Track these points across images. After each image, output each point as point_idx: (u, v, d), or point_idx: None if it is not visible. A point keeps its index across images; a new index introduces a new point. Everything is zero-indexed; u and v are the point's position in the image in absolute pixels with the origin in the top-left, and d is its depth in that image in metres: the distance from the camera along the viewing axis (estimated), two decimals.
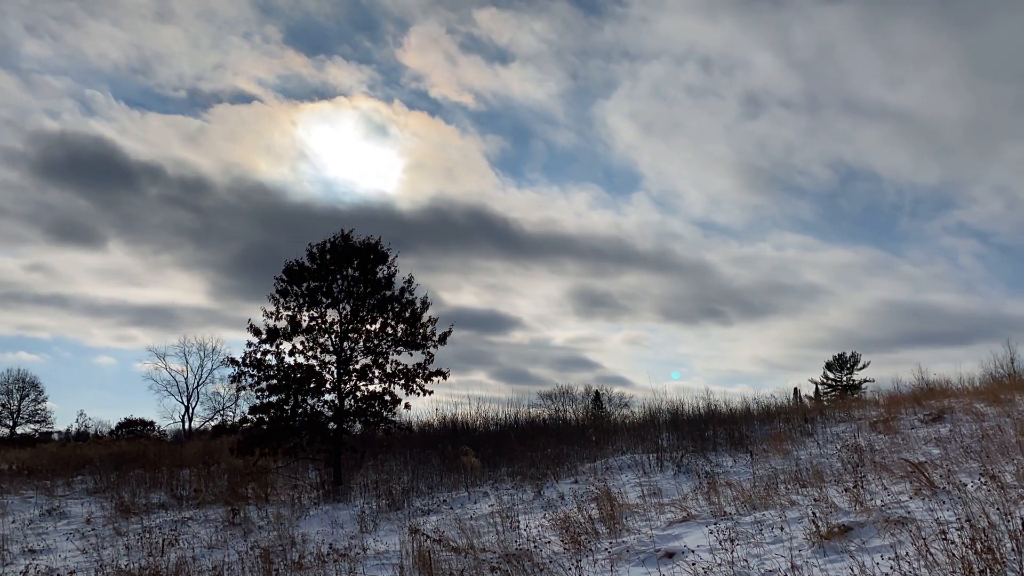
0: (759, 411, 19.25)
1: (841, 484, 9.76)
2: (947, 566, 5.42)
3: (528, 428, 20.91)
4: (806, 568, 6.33)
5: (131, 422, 41.80)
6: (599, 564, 7.71)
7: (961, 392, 17.69)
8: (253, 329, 16.68)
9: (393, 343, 17.30)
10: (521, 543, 8.77)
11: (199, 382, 50.09)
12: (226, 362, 18.25)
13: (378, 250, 17.48)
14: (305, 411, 16.53)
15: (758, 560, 6.87)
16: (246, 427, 16.53)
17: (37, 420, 50.97)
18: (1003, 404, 14.38)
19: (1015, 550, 5.41)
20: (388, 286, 17.41)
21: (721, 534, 7.75)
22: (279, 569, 8.98)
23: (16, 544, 12.38)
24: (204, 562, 10.06)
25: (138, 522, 13.73)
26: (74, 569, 10.09)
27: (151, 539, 11.69)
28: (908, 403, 16.86)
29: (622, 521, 9.43)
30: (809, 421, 17.00)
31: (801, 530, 7.58)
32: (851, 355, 45.44)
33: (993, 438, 11.44)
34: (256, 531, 12.24)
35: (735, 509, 9.23)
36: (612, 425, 21.87)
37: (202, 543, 11.55)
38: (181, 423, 48.88)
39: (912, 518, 7.25)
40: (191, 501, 15.95)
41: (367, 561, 9.16)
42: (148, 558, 10.19)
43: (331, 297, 17.12)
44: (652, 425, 19.10)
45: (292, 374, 16.54)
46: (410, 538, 9.69)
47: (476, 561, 8.25)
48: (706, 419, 18.05)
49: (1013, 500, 7.13)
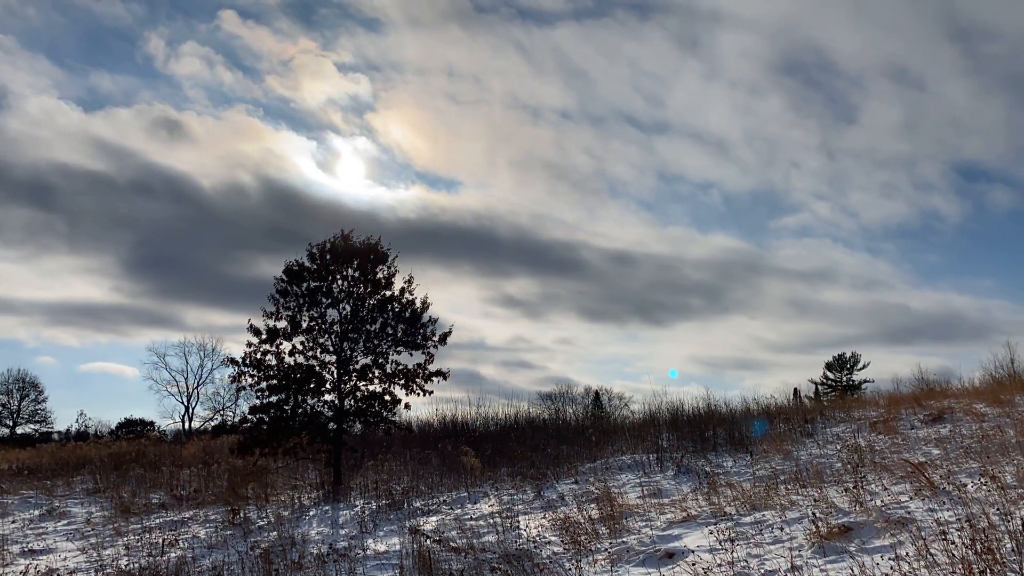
0: (759, 411, 19.25)
1: (841, 484, 9.77)
2: (947, 566, 5.42)
3: (528, 428, 20.88)
4: (806, 568, 6.34)
5: (131, 422, 41.90)
6: (599, 564, 7.71)
7: (961, 392, 17.69)
8: (253, 329, 16.68)
9: (393, 343, 17.29)
10: (521, 543, 8.78)
11: (199, 382, 50.12)
12: (226, 362, 18.24)
13: (378, 250, 17.49)
14: (305, 411, 16.53)
15: (758, 560, 6.87)
16: (246, 427, 16.52)
17: (37, 420, 51.06)
18: (1003, 404, 14.38)
19: (1015, 550, 5.41)
20: (388, 286, 17.42)
21: (721, 534, 7.76)
22: (279, 569, 8.99)
23: (16, 544, 12.38)
24: (204, 562, 10.06)
25: (138, 522, 13.73)
26: (74, 569, 10.10)
27: (151, 539, 11.70)
28: (908, 403, 16.86)
29: (622, 521, 9.43)
30: (809, 421, 16.99)
31: (801, 530, 7.58)
32: (851, 355, 45.50)
33: (993, 438, 11.45)
34: (256, 531, 12.23)
35: (735, 509, 9.23)
36: (612, 425, 21.85)
37: (202, 543, 11.55)
38: (181, 423, 48.93)
39: (912, 518, 7.26)
40: (191, 501, 15.94)
41: (367, 561, 9.16)
42: (148, 558, 10.20)
43: (331, 297, 17.12)
44: (652, 425, 19.09)
45: (292, 374, 16.54)
46: (410, 538, 9.70)
47: (476, 561, 8.25)
48: (706, 419, 18.05)
49: (1013, 500, 7.13)
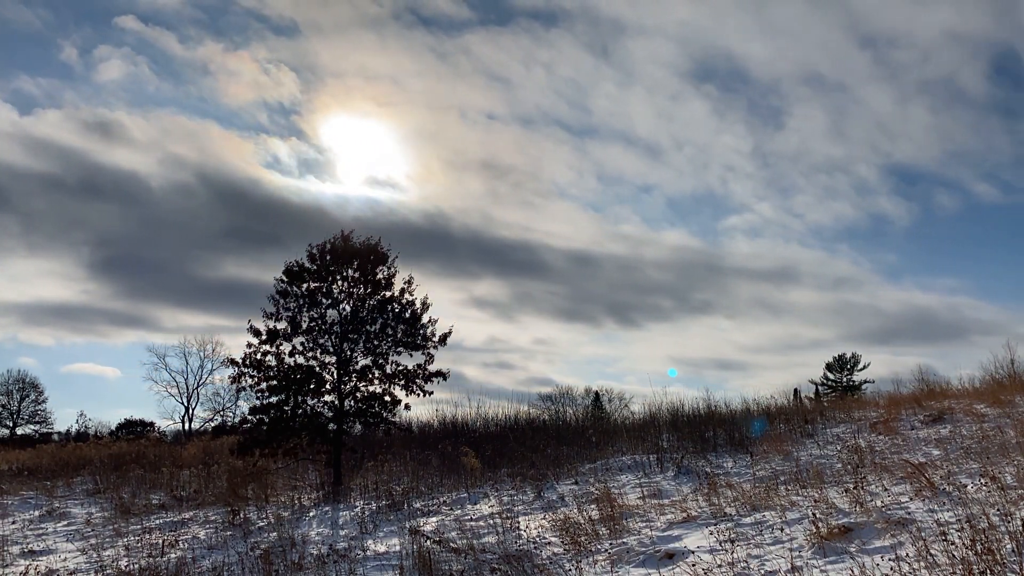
0: (759, 411, 19.24)
1: (841, 485, 9.76)
2: (947, 567, 5.42)
3: (528, 429, 20.87)
4: (806, 569, 6.33)
5: (131, 423, 41.89)
6: (599, 565, 7.71)
7: (961, 393, 17.68)
8: (253, 330, 16.68)
9: (393, 344, 17.29)
10: (521, 544, 8.77)
11: (199, 383, 50.12)
12: (226, 363, 18.23)
13: (378, 251, 17.49)
14: (305, 412, 16.52)
15: (758, 561, 6.87)
16: (246, 428, 16.52)
17: (37, 421, 51.05)
18: (1003, 405, 14.38)
19: (1015, 551, 5.41)
20: (388, 287, 17.42)
21: (721, 535, 7.75)
22: (279, 570, 8.99)
23: (16, 545, 12.38)
24: (204, 563, 10.06)
25: (138, 523, 13.73)
26: (74, 570, 10.10)
27: (151, 540, 11.69)
28: (908, 404, 16.85)
29: (622, 522, 9.43)
30: (809, 422, 16.99)
31: (801, 531, 7.58)
32: (851, 356, 45.49)
33: (993, 439, 11.44)
34: (256, 532, 12.23)
35: (735, 510, 9.23)
36: (612, 426, 21.83)
37: (202, 544, 11.55)
38: (181, 424, 48.93)
39: (912, 519, 7.25)
40: (191, 502, 15.94)
41: (367, 562, 9.16)
42: (148, 559, 10.20)
43: (331, 298, 17.13)
44: (652, 426, 19.08)
45: (292, 375, 16.54)
46: (410, 539, 9.69)
47: (476, 562, 8.25)
48: (706, 420, 18.04)
49: (1013, 501, 7.13)
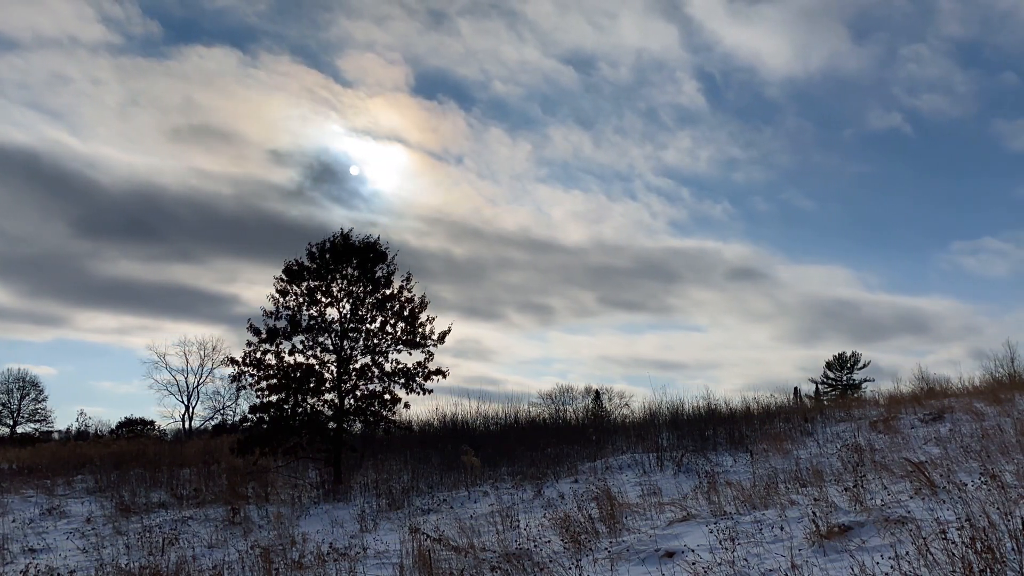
0: (759, 411, 19.26)
1: (841, 484, 9.76)
2: (947, 566, 5.42)
3: (528, 428, 20.90)
4: (806, 568, 6.33)
5: (131, 421, 41.95)
6: (599, 563, 7.70)
7: (961, 392, 17.70)
8: (253, 329, 16.68)
9: (393, 342, 17.30)
10: (521, 542, 8.77)
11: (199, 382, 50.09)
12: (226, 362, 18.24)
13: (377, 249, 17.50)
14: (305, 410, 16.53)
15: (758, 560, 6.87)
16: (246, 426, 16.55)
17: (37, 419, 51.04)
18: (1003, 404, 14.39)
19: (1015, 550, 5.41)
20: (387, 285, 17.43)
21: (721, 533, 7.75)
22: (279, 568, 8.98)
23: (16, 543, 12.37)
24: (204, 561, 10.05)
25: (138, 521, 13.73)
26: (74, 568, 10.09)
27: (151, 538, 11.69)
28: (908, 403, 16.87)
29: (622, 520, 9.43)
30: (809, 421, 17.00)
31: (801, 530, 7.58)
32: (851, 355, 45.47)
33: (993, 438, 11.45)
34: (256, 530, 12.23)
35: (735, 509, 9.23)
36: (612, 425, 21.86)
37: (202, 542, 11.55)
38: (181, 423, 48.90)
39: (912, 518, 7.25)
40: (191, 500, 15.94)
41: (367, 560, 9.16)
42: (148, 557, 10.19)
43: (331, 296, 17.13)
44: (652, 425, 19.10)
45: (292, 373, 16.54)
46: (410, 537, 9.69)
47: (476, 560, 8.25)
48: (706, 419, 18.05)
49: (1013, 500, 7.13)
